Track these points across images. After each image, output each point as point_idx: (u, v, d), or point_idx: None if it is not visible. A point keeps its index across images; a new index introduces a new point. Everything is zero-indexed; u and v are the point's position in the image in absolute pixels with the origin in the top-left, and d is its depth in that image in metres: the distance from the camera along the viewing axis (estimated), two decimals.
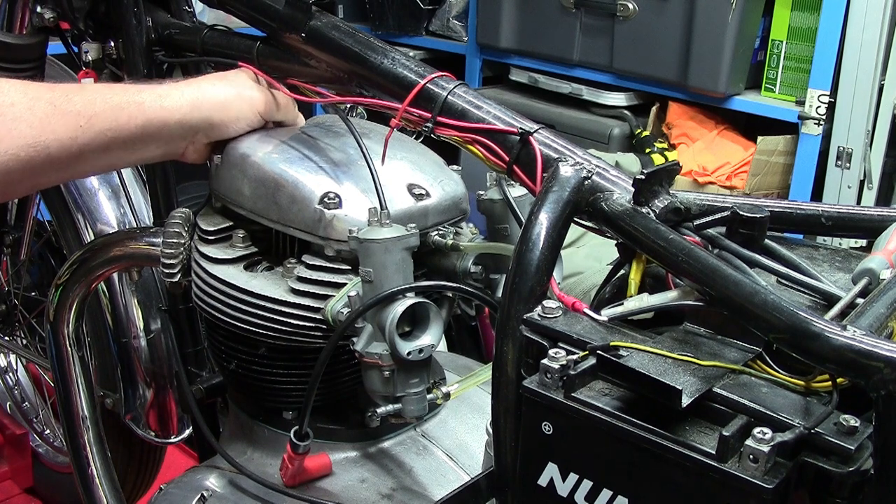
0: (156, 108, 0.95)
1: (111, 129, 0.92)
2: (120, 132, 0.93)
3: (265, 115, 1.03)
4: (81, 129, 0.90)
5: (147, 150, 0.97)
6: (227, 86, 1.01)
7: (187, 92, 0.98)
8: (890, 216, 0.79)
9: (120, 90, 0.96)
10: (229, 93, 1.00)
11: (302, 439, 0.97)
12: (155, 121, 0.95)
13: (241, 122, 1.02)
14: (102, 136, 0.92)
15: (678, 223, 0.77)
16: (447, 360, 1.20)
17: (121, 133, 0.93)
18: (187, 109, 0.97)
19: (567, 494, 0.67)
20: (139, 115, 0.94)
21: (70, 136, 0.90)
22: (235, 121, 1.01)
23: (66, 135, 0.89)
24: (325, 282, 0.95)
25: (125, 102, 0.94)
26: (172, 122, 0.97)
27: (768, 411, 0.61)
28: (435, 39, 3.32)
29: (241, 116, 1.01)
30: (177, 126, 0.97)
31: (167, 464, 1.82)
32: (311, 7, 1.03)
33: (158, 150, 0.99)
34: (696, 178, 2.56)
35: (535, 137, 0.87)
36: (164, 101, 0.96)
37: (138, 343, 1.54)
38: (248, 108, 1.01)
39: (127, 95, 0.95)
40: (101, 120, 0.92)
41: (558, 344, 0.70)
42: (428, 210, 0.99)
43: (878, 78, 2.30)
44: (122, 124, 0.93)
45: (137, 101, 0.95)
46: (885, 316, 0.63)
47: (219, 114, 0.99)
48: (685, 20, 2.51)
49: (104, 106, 0.92)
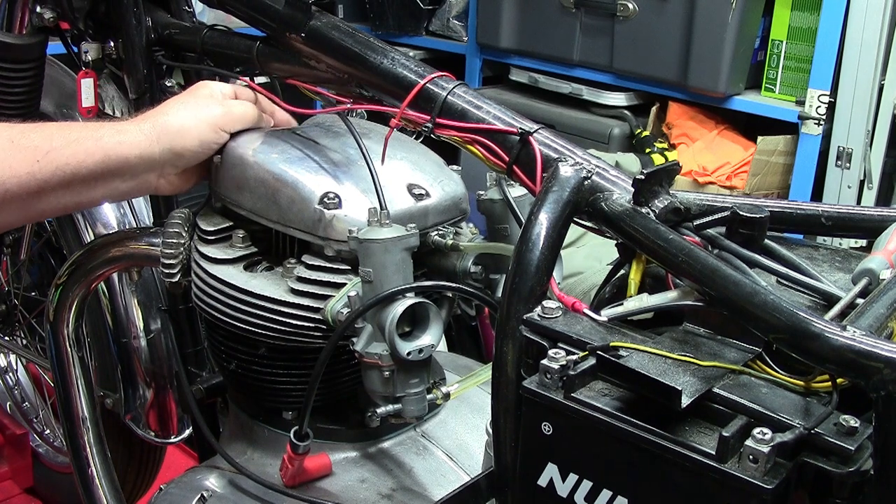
0: (114, 143, 0.95)
1: (69, 165, 0.92)
2: (79, 168, 0.93)
3: (227, 128, 1.02)
4: (38, 164, 0.90)
5: (112, 185, 0.97)
6: (184, 110, 1.00)
7: (145, 126, 0.98)
8: (890, 216, 0.79)
9: (79, 127, 0.96)
10: (186, 118, 0.99)
11: (302, 439, 0.97)
12: (113, 155, 0.95)
13: (206, 145, 1.00)
14: (61, 172, 0.92)
15: (678, 223, 0.77)
16: (447, 360, 1.20)
17: (80, 168, 0.93)
18: (146, 143, 0.97)
19: (567, 495, 0.67)
20: (97, 150, 0.94)
21: (27, 171, 0.90)
22: (199, 145, 1.00)
23: (23, 170, 0.89)
24: (325, 282, 0.95)
25: (83, 137, 0.94)
26: (133, 157, 0.96)
27: (768, 411, 0.61)
28: (435, 39, 3.32)
29: (203, 139, 1.00)
30: (138, 160, 0.97)
31: (167, 464, 1.82)
32: (311, 7, 1.03)
33: (125, 186, 0.98)
34: (696, 178, 2.56)
35: (534, 137, 0.87)
36: (123, 137, 0.96)
37: (138, 343, 1.54)
38: (209, 128, 1.00)
39: (86, 132, 0.95)
40: (58, 155, 0.91)
41: (558, 344, 0.70)
42: (428, 210, 0.99)
43: (878, 78, 2.30)
44: (80, 160, 0.93)
45: (95, 137, 0.94)
46: (885, 316, 0.63)
47: (180, 142, 0.98)
48: (685, 20, 2.51)
49: (61, 141, 0.92)
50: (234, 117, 1.02)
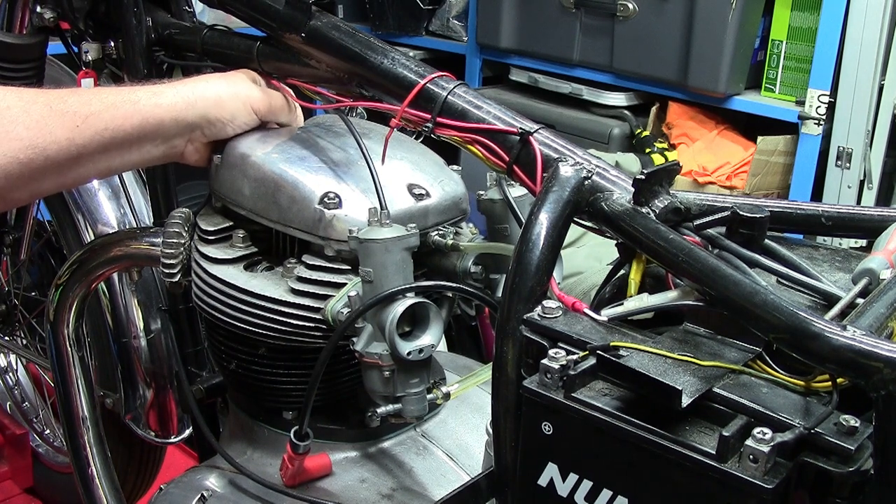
0: (151, 105, 0.95)
1: (108, 129, 0.92)
2: (117, 131, 0.93)
3: (262, 115, 1.03)
4: (78, 129, 0.90)
5: (144, 149, 0.97)
6: (224, 84, 1.01)
7: (182, 90, 0.98)
8: (890, 216, 0.79)
9: (114, 91, 0.96)
10: (225, 91, 1.00)
11: (302, 439, 0.97)
12: (151, 118, 0.95)
13: (238, 121, 1.02)
14: (100, 137, 0.91)
15: (678, 223, 0.77)
16: (447, 360, 1.20)
17: (118, 132, 0.93)
18: (182, 107, 0.97)
19: (567, 494, 0.67)
20: (135, 113, 0.94)
21: (67, 136, 0.89)
22: (231, 119, 1.01)
23: (63, 136, 0.89)
24: (325, 282, 0.95)
25: (120, 101, 0.93)
26: (168, 120, 0.96)
27: (768, 411, 0.61)
28: (435, 39, 3.32)
29: (236, 114, 1.01)
30: (173, 123, 0.97)
31: (167, 464, 1.82)
32: (311, 7, 1.03)
33: (157, 151, 0.98)
34: (696, 178, 2.56)
35: (535, 137, 0.87)
36: (160, 99, 0.96)
37: (138, 343, 1.54)
38: (244, 106, 1.01)
39: (122, 95, 0.95)
40: (97, 119, 0.91)
41: (558, 344, 0.70)
42: (428, 210, 0.99)
43: (878, 78, 2.30)
44: (119, 123, 0.92)
45: (133, 100, 0.94)
46: (885, 316, 0.63)
47: (214, 111, 0.99)
48: (685, 20, 2.51)
49: (100, 105, 0.92)
50: (271, 105, 1.04)
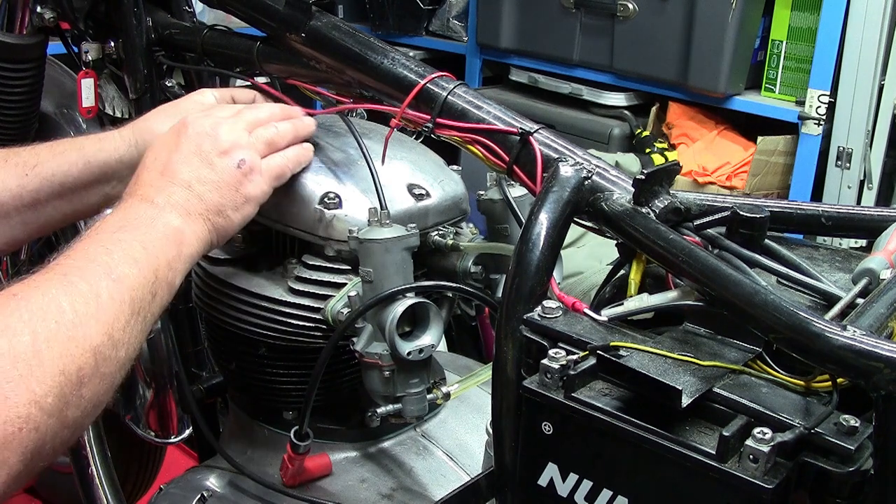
0: (94, 150, 1.01)
1: (55, 175, 1.00)
2: (65, 178, 1.00)
3: None
4: (27, 177, 0.99)
5: (101, 191, 1.03)
6: (162, 116, 1.04)
7: (125, 132, 1.04)
8: (890, 216, 0.79)
9: (66, 142, 1.03)
10: (163, 123, 1.01)
11: (302, 439, 0.97)
12: (94, 162, 1.01)
13: None
14: (48, 183, 0.99)
15: (678, 223, 0.77)
16: (447, 360, 1.20)
17: (67, 178, 1.00)
18: (125, 148, 1.02)
19: (567, 494, 0.67)
20: (79, 159, 1.01)
21: (17, 184, 0.98)
22: None
23: (13, 183, 0.98)
24: (325, 282, 0.95)
25: (66, 150, 1.01)
26: (113, 162, 1.02)
27: (768, 411, 0.61)
28: (435, 39, 3.31)
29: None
30: (119, 164, 1.02)
31: (167, 464, 1.82)
32: (311, 7, 1.03)
33: (115, 191, 1.03)
34: (696, 178, 2.56)
35: (535, 137, 0.87)
36: (102, 144, 1.02)
37: None
38: None
39: (69, 144, 1.02)
40: (44, 168, 0.99)
41: (558, 344, 0.70)
42: (428, 210, 0.99)
43: (878, 78, 2.30)
44: (65, 170, 1.00)
45: (77, 147, 1.02)
46: (885, 316, 0.63)
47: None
48: (685, 20, 2.51)
49: (47, 155, 1.00)
50: None
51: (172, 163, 0.87)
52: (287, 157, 0.94)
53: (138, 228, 0.81)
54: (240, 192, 0.89)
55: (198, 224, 0.86)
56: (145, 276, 0.77)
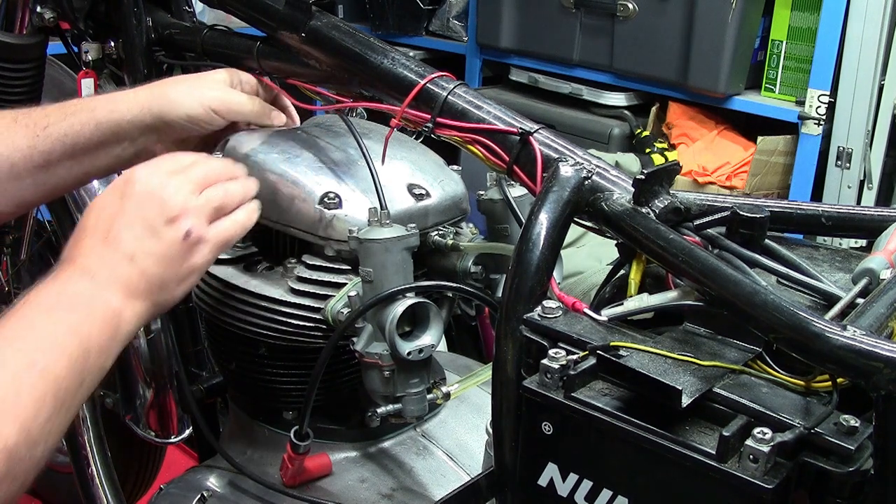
0: (106, 111, 1.00)
1: (67, 136, 0.98)
2: (77, 138, 0.99)
3: (223, 115, 1.02)
4: (38, 137, 0.97)
5: (112, 152, 1.01)
6: (183, 86, 1.03)
7: (140, 94, 1.02)
8: (890, 216, 0.79)
9: (76, 101, 1.02)
10: (181, 92, 1.01)
11: (302, 439, 0.97)
12: (105, 122, 1.00)
13: (194, 120, 1.02)
14: (60, 144, 0.98)
15: (678, 223, 0.77)
16: (447, 360, 1.20)
17: (78, 138, 0.99)
18: (137, 110, 1.00)
19: (567, 494, 0.67)
20: (90, 119, 0.99)
21: (28, 144, 0.97)
22: (187, 118, 1.01)
23: (24, 144, 0.97)
24: (325, 282, 0.95)
25: (78, 110, 1.00)
26: (124, 123, 1.00)
27: (768, 411, 0.61)
28: (435, 39, 3.31)
29: (193, 115, 1.01)
30: (130, 126, 1.00)
31: (167, 464, 1.82)
32: (311, 7, 1.03)
33: (126, 152, 1.02)
34: (696, 178, 2.56)
35: (535, 137, 0.87)
36: (115, 105, 1.01)
37: (138, 343, 1.54)
38: (199, 105, 1.01)
39: (80, 105, 1.01)
40: (56, 128, 0.98)
41: (558, 344, 0.70)
42: (428, 210, 0.99)
43: (878, 78, 2.30)
44: (77, 130, 0.99)
45: (90, 108, 1.00)
46: (885, 316, 0.63)
47: (170, 112, 1.01)
48: (685, 20, 2.51)
49: (58, 116, 0.99)
50: (230, 105, 1.03)
51: (115, 228, 0.82)
52: (235, 222, 0.89)
53: (75, 310, 0.76)
54: (184, 265, 0.84)
55: (138, 303, 0.81)
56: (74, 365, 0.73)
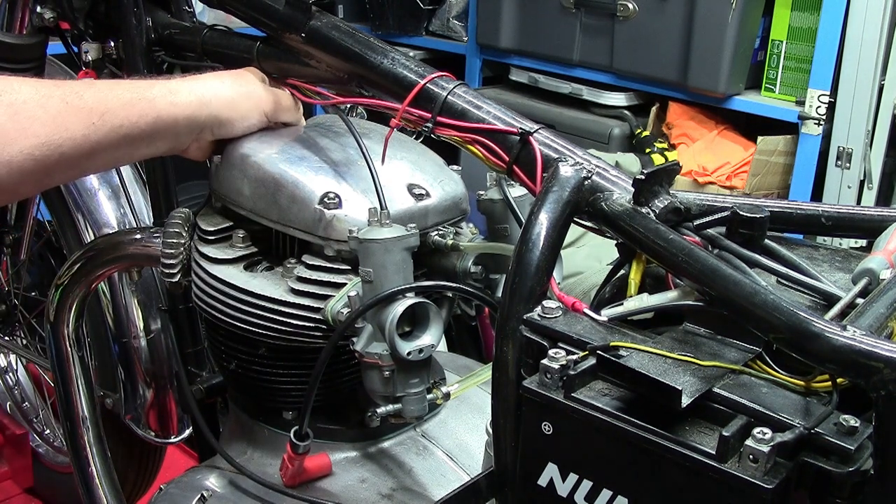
0: (167, 104, 0.94)
1: (123, 126, 0.91)
2: (132, 129, 0.92)
3: (270, 116, 1.03)
4: (94, 126, 0.88)
5: (154, 146, 0.96)
6: (235, 83, 1.01)
7: (198, 88, 0.98)
8: (890, 216, 0.79)
9: (129, 86, 0.94)
10: (237, 91, 1.00)
11: (302, 439, 0.97)
12: (165, 117, 0.94)
13: (247, 122, 1.02)
14: (115, 133, 0.90)
15: (678, 223, 0.77)
16: (447, 360, 1.20)
17: (133, 129, 0.92)
18: (196, 106, 0.96)
19: (567, 494, 0.67)
20: (150, 111, 0.93)
21: (83, 133, 0.88)
22: (241, 119, 1.01)
23: (79, 132, 0.87)
24: (325, 282, 0.95)
25: (136, 98, 0.92)
26: (182, 119, 0.96)
27: (768, 411, 0.61)
28: (435, 39, 3.32)
29: (247, 116, 1.01)
30: (185, 122, 0.96)
31: (167, 464, 1.82)
32: (311, 7, 1.03)
33: (164, 147, 0.98)
34: (696, 178, 2.56)
35: (535, 137, 0.87)
36: (176, 98, 0.95)
37: (138, 343, 1.54)
38: (255, 107, 1.01)
39: (138, 91, 0.93)
40: (113, 116, 0.90)
41: (558, 344, 0.70)
42: (428, 210, 0.99)
43: (878, 78, 2.30)
44: (134, 121, 0.91)
45: (148, 98, 0.93)
46: (885, 316, 0.63)
47: (227, 112, 0.99)
48: (685, 20, 2.51)
49: (116, 102, 0.91)
50: (281, 107, 1.04)
51: None
52: None
53: None
54: None
55: None
56: None
